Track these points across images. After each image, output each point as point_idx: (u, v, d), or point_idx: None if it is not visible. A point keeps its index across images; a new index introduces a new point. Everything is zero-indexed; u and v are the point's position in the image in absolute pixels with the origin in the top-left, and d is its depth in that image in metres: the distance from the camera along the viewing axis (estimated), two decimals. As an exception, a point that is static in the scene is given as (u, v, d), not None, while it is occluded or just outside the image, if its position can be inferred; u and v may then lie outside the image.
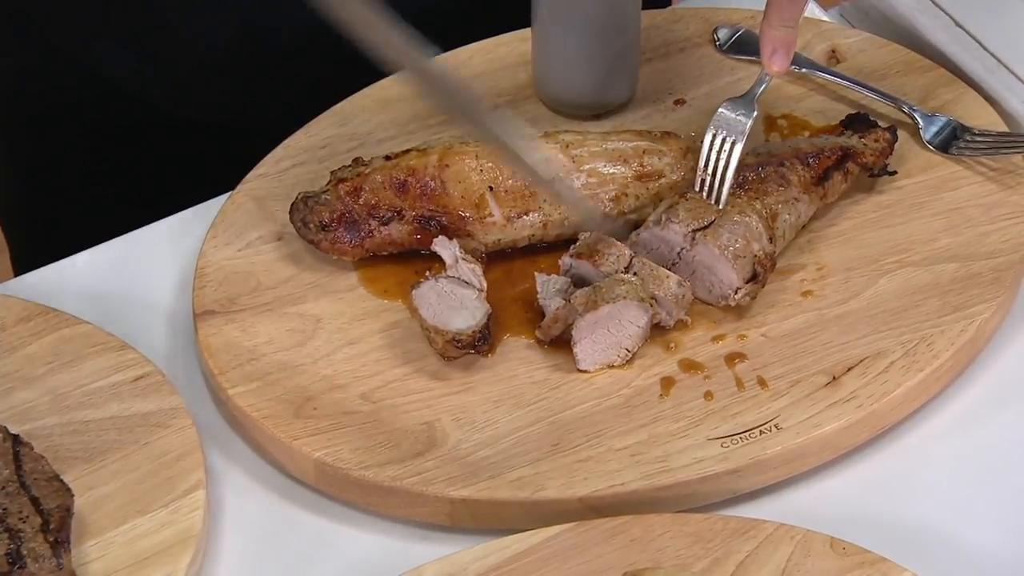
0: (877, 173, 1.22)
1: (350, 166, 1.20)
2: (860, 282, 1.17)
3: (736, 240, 1.14)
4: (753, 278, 1.14)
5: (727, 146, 1.17)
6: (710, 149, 1.17)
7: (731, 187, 1.16)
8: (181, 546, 1.04)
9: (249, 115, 1.39)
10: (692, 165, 1.20)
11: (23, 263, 1.52)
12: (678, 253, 1.16)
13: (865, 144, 1.21)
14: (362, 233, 1.19)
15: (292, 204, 1.20)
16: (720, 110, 1.18)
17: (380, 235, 1.19)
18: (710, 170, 1.17)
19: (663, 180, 1.20)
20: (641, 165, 1.20)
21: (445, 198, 1.18)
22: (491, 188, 1.18)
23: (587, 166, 1.20)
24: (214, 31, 1.35)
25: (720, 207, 1.16)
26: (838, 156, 1.20)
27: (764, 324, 1.15)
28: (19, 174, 1.52)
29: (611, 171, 1.20)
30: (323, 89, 1.33)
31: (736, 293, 1.14)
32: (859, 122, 1.24)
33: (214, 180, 1.29)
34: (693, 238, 1.14)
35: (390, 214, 1.19)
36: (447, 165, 1.19)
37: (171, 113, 1.41)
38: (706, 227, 1.15)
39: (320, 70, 1.35)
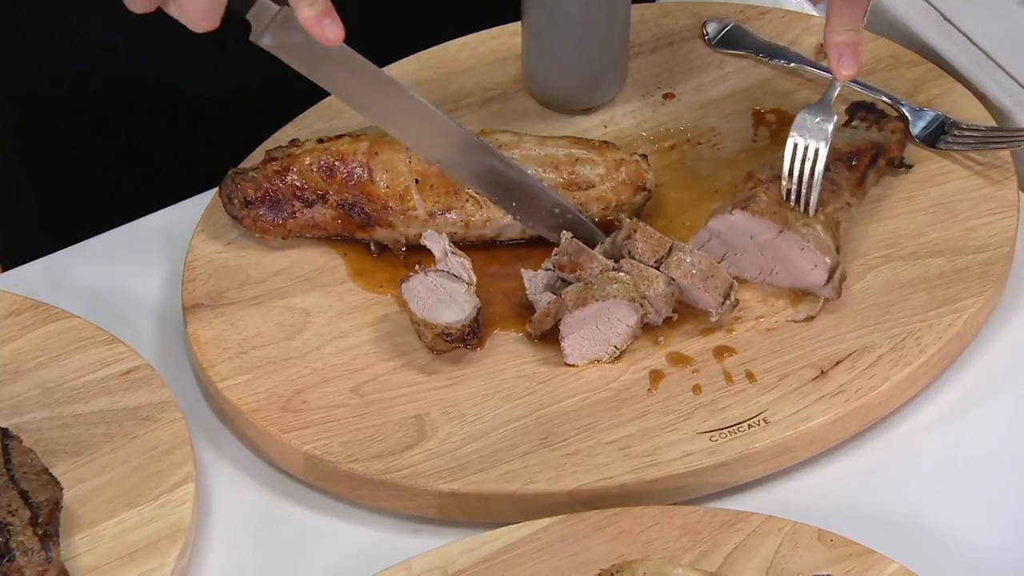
0: (897, 165, 1.22)
1: (285, 146, 1.21)
2: (848, 277, 1.17)
3: (701, 262, 1.13)
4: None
5: (811, 153, 1.15)
6: (793, 158, 1.15)
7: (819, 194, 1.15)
8: (170, 539, 1.05)
9: (242, 101, 1.38)
10: (623, 178, 1.20)
11: (10, 257, 1.52)
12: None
13: (886, 137, 1.22)
14: (285, 213, 1.20)
15: (222, 180, 1.20)
16: (799, 117, 1.16)
17: (303, 217, 1.19)
18: (795, 179, 1.15)
19: (591, 190, 1.20)
20: (572, 173, 1.20)
21: (370, 186, 1.19)
22: (417, 181, 1.19)
23: None
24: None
25: (811, 214, 1.15)
26: (872, 154, 1.20)
27: (752, 318, 1.15)
28: (11, 166, 1.52)
29: (540, 176, 1.20)
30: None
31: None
32: (866, 110, 1.24)
33: (202, 175, 1.29)
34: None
35: (314, 197, 1.19)
36: (376, 153, 1.19)
37: (161, 100, 1.40)
38: (666, 256, 1.14)
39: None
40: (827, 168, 1.17)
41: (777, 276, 1.16)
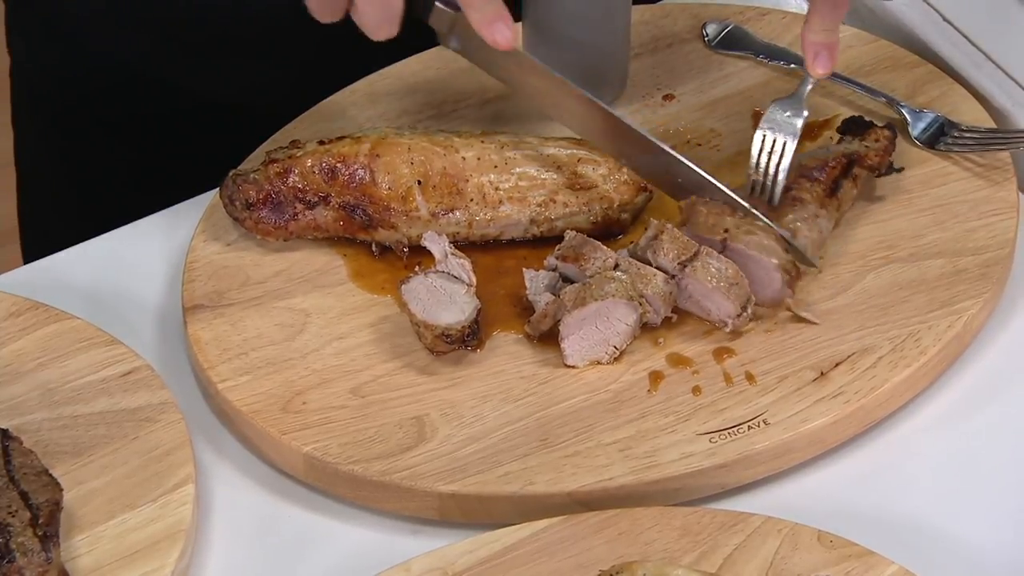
0: (884, 172, 1.22)
1: (286, 147, 1.21)
2: (847, 278, 1.17)
3: (728, 268, 1.13)
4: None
5: (778, 147, 1.16)
6: (760, 151, 1.17)
7: (783, 188, 1.16)
8: (170, 540, 1.05)
9: (241, 102, 1.39)
10: (625, 178, 1.20)
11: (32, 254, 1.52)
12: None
13: (867, 146, 1.21)
14: (287, 215, 1.20)
15: (223, 181, 1.20)
16: (769, 111, 1.17)
17: (305, 219, 1.19)
18: (761, 172, 1.16)
19: (594, 190, 1.20)
20: (574, 173, 1.20)
21: (372, 188, 1.19)
22: (419, 182, 1.19)
23: (518, 169, 1.20)
24: (212, 8, 1.35)
25: (774, 203, 1.16)
26: (843, 164, 1.20)
27: (752, 319, 1.15)
28: (31, 166, 1.52)
29: (543, 176, 1.20)
30: (314, 80, 1.33)
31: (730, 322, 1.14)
32: (856, 125, 1.24)
33: (202, 175, 1.29)
34: (683, 268, 1.14)
35: (316, 199, 1.19)
36: (378, 155, 1.19)
37: (161, 101, 1.40)
38: (692, 259, 1.14)
39: (313, 55, 1.35)
40: (788, 188, 1.17)
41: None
